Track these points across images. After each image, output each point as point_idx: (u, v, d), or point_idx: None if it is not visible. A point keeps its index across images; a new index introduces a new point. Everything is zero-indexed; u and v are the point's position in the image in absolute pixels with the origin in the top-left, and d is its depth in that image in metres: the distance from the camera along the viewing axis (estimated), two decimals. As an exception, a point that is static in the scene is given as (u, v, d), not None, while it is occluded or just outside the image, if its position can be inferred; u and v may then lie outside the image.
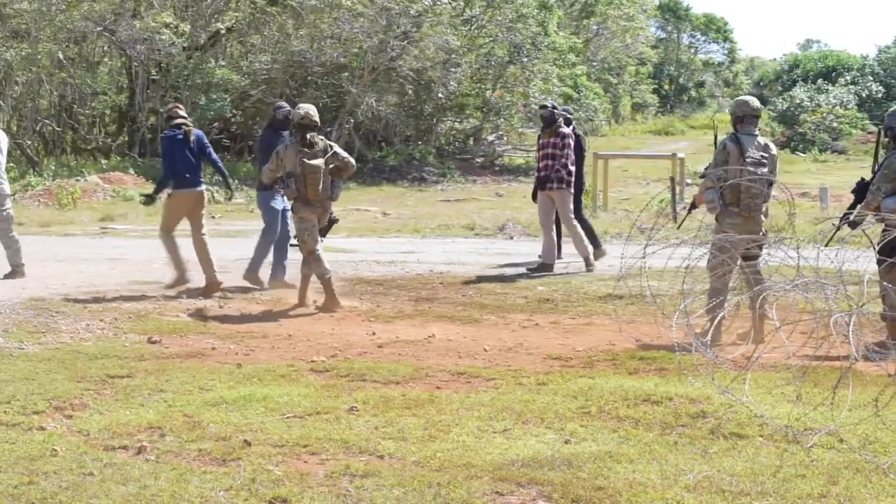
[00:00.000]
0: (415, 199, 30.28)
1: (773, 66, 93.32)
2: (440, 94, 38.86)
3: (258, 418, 7.74)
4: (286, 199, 13.45)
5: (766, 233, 11.32)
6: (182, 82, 35.71)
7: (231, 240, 19.31)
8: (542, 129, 16.48)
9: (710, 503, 6.06)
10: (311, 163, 12.76)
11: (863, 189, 10.93)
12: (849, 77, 63.07)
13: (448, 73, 38.09)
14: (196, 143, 14.11)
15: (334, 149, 13.02)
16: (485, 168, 39.50)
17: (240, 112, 36.43)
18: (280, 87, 36.07)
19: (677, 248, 10.64)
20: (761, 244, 10.87)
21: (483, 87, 41.37)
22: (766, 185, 11.10)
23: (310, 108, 13.06)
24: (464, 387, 8.92)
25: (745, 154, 10.97)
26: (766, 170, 11.03)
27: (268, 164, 13.05)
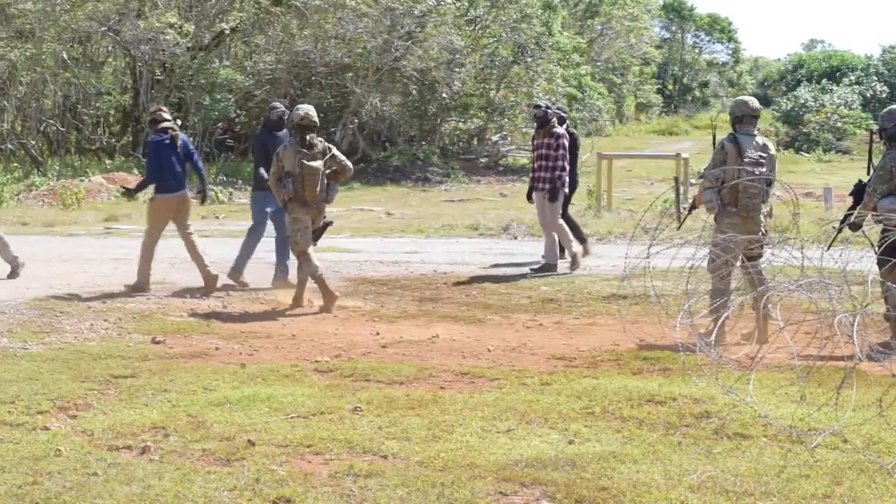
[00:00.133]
0: (419, 200, 30.28)
1: (777, 66, 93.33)
2: (444, 95, 38.85)
3: (262, 418, 7.74)
4: (280, 199, 13.40)
5: (767, 232, 11.31)
6: (186, 82, 35.72)
7: (235, 240, 19.23)
8: (536, 130, 16.47)
9: (713, 503, 6.06)
10: (311, 164, 12.76)
11: (861, 191, 10.94)
12: (853, 77, 63.02)
13: (452, 73, 38.08)
14: (182, 148, 14.15)
15: (333, 151, 13.03)
16: (489, 168, 39.47)
17: (244, 112, 36.43)
18: (284, 88, 36.07)
19: (681, 248, 10.65)
20: (762, 244, 10.88)
21: (487, 87, 41.35)
22: (764, 185, 11.09)
23: (309, 109, 13.06)
24: (467, 387, 8.93)
25: (744, 154, 10.98)
26: (764, 170, 11.03)
27: (270, 168, 13.02)
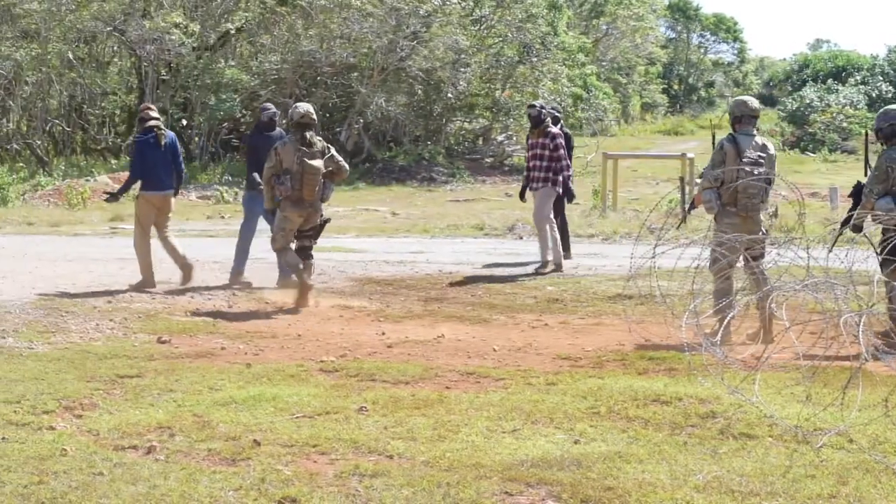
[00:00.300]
0: (424, 199, 30.29)
1: (782, 66, 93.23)
2: (450, 94, 38.84)
3: (268, 418, 7.74)
4: (268, 198, 13.39)
5: (767, 231, 11.31)
6: (192, 82, 35.76)
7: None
8: (531, 130, 16.45)
9: (719, 503, 6.06)
10: (312, 163, 12.79)
11: (859, 192, 10.96)
12: (859, 77, 62.94)
13: (457, 73, 38.08)
14: (167, 147, 14.16)
15: (331, 151, 13.07)
16: (494, 168, 39.47)
17: (249, 112, 36.45)
18: (289, 88, 36.10)
19: (687, 248, 10.64)
20: (763, 244, 10.90)
21: (492, 87, 41.34)
22: (763, 185, 11.09)
23: (309, 108, 13.10)
24: (473, 387, 8.92)
25: (743, 154, 10.98)
26: (763, 169, 11.02)
27: (267, 162, 13.01)
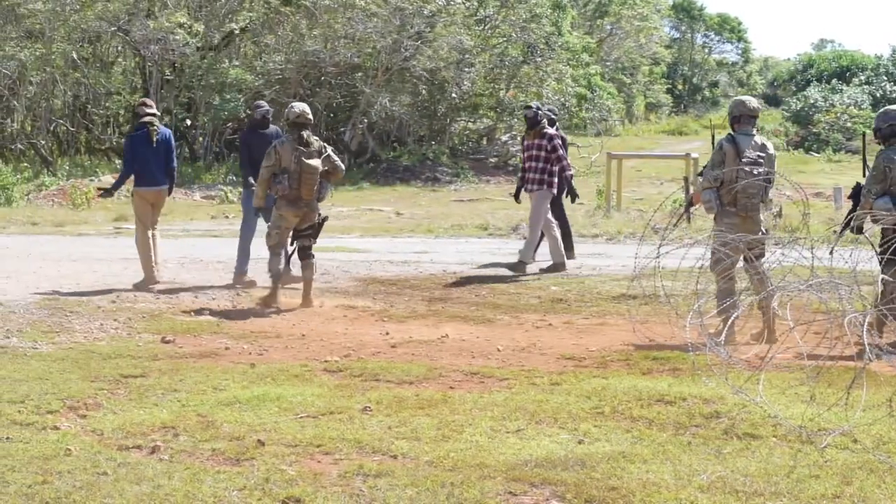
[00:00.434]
0: (428, 199, 30.29)
1: (787, 65, 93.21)
2: (454, 94, 38.85)
3: (272, 418, 7.75)
4: (256, 198, 13.44)
5: (768, 231, 11.32)
6: (196, 82, 35.78)
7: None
8: (526, 131, 16.45)
9: (723, 503, 6.06)
10: (310, 162, 12.83)
11: (859, 193, 10.96)
12: (863, 77, 62.90)
13: (461, 72, 38.08)
14: (159, 143, 14.16)
15: (328, 151, 13.12)
16: (498, 168, 39.47)
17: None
18: (294, 87, 36.11)
19: (691, 248, 10.64)
20: (763, 244, 10.91)
21: (497, 86, 41.34)
22: (762, 185, 11.10)
23: (304, 107, 13.16)
24: (477, 387, 8.92)
25: (742, 154, 10.98)
26: (763, 169, 11.03)
27: (265, 160, 13.03)
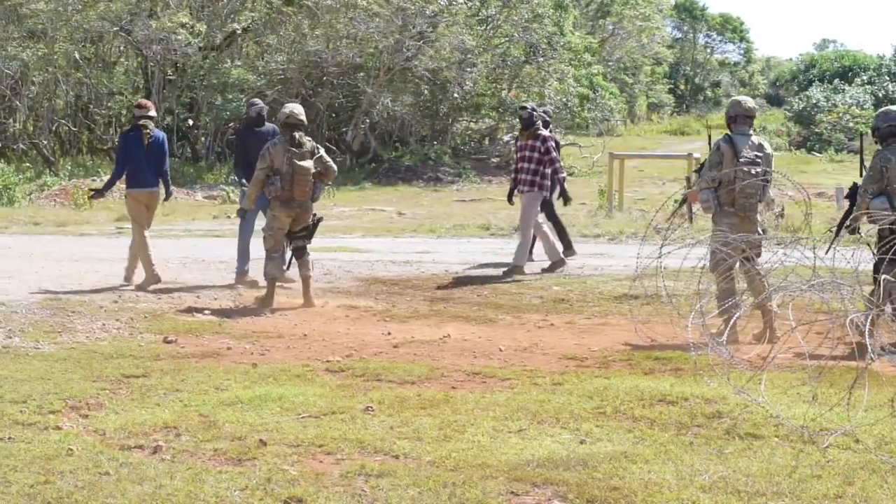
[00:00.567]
0: (430, 199, 30.29)
1: (789, 65, 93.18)
2: (456, 94, 38.84)
3: (273, 418, 7.75)
4: (249, 199, 13.49)
5: (765, 231, 11.33)
6: (198, 82, 35.78)
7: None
8: (521, 132, 16.45)
9: (725, 503, 6.06)
10: (302, 164, 12.86)
11: (856, 193, 10.97)
12: (865, 77, 62.85)
13: (464, 72, 38.06)
14: (152, 146, 14.15)
15: (320, 152, 13.15)
16: (500, 168, 39.43)
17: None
18: (296, 87, 36.10)
19: (693, 248, 10.64)
20: (760, 245, 10.94)
21: (499, 87, 41.32)
22: (760, 185, 11.13)
23: (294, 108, 13.19)
24: (479, 387, 8.92)
25: (739, 154, 10.99)
26: (760, 169, 11.05)
27: (259, 162, 13.06)
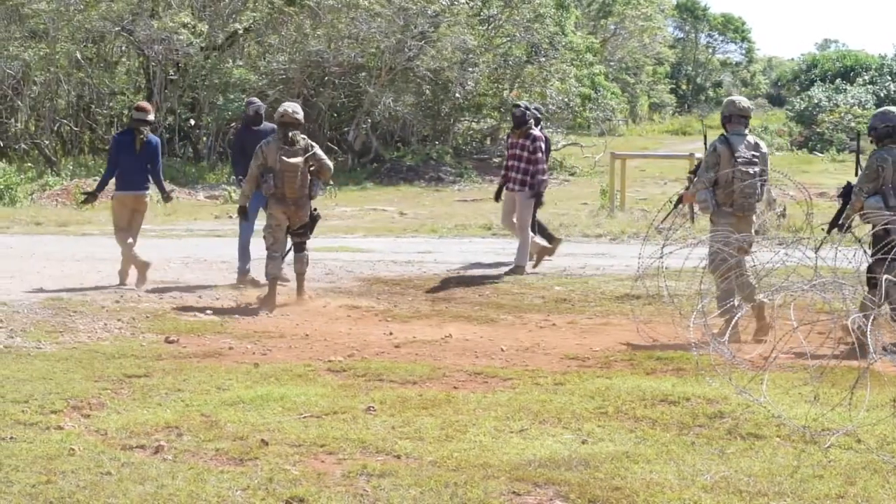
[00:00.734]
0: (432, 199, 30.27)
1: (790, 65, 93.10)
2: (457, 94, 38.78)
3: (275, 418, 7.75)
4: (263, 193, 13.55)
5: (767, 230, 11.39)
6: (199, 82, 35.76)
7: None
8: (512, 129, 16.46)
9: (727, 503, 6.06)
10: (289, 160, 12.96)
11: (849, 193, 11.00)
12: (867, 77, 62.79)
13: (465, 72, 38.01)
14: (144, 150, 14.13)
15: (314, 149, 13.20)
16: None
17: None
18: (297, 87, 36.06)
19: (694, 248, 10.65)
20: (750, 244, 10.99)
21: (500, 86, 41.27)
22: (758, 184, 11.17)
23: (290, 106, 13.30)
24: (481, 387, 8.93)
25: (736, 154, 11.02)
26: (757, 169, 11.08)
27: (253, 160, 13.17)
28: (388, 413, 7.92)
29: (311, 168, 13.15)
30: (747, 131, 11.36)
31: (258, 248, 14.41)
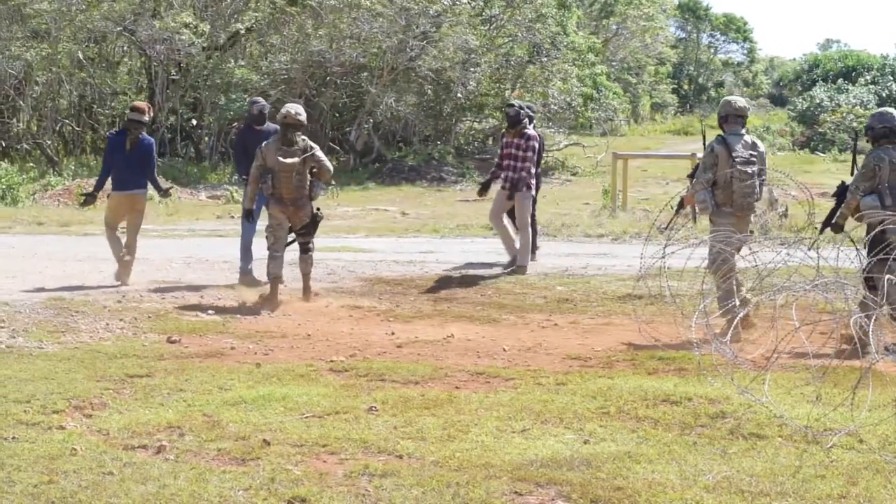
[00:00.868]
0: (434, 199, 30.26)
1: (792, 65, 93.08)
2: (459, 94, 38.77)
3: (277, 418, 7.75)
4: (248, 197, 13.60)
5: (753, 231, 11.42)
6: (201, 82, 35.75)
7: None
8: (507, 129, 16.51)
9: (729, 503, 6.06)
10: (285, 161, 13.03)
11: (843, 192, 11.04)
12: (869, 77, 62.77)
13: (467, 72, 38.00)
14: (135, 151, 14.13)
15: (314, 151, 13.22)
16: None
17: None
18: (299, 87, 36.06)
19: (696, 248, 10.65)
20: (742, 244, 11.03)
21: (502, 86, 41.25)
22: (757, 184, 11.21)
23: (292, 107, 13.36)
24: (483, 387, 8.93)
25: (733, 154, 11.04)
26: (755, 168, 11.11)
27: (255, 160, 13.25)
28: (390, 413, 7.93)
29: (313, 170, 13.20)
30: (744, 131, 11.38)
31: (261, 248, 14.42)
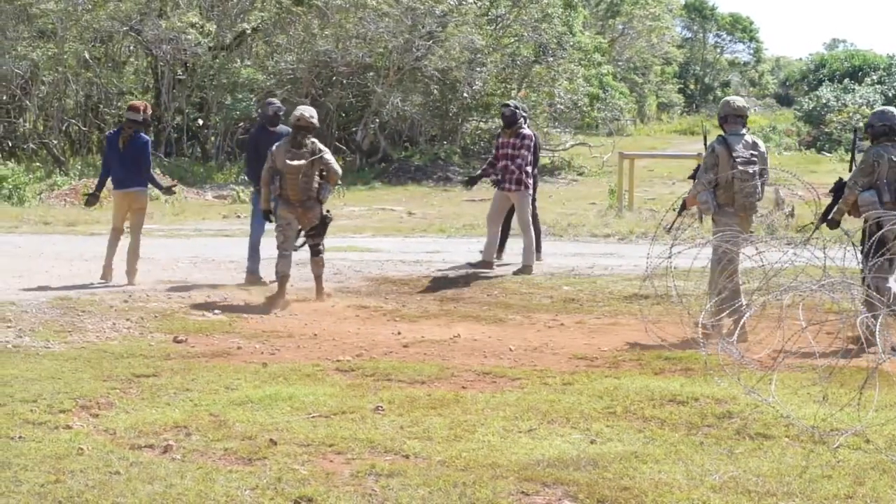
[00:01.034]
0: (440, 199, 30.25)
1: (799, 65, 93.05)
2: (465, 94, 38.76)
3: (284, 418, 7.76)
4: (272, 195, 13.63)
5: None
6: (207, 82, 35.77)
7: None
8: (503, 129, 16.55)
9: (735, 503, 6.06)
10: (291, 163, 13.08)
11: (840, 189, 11.06)
12: (875, 77, 62.65)
13: (473, 72, 37.99)
14: (129, 149, 14.13)
15: (322, 154, 13.22)
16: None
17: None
18: (305, 87, 36.08)
19: (703, 248, 10.65)
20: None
21: (508, 86, 41.23)
22: (759, 184, 11.21)
23: (305, 110, 13.43)
24: (489, 387, 8.93)
25: (734, 154, 11.04)
26: (757, 168, 11.11)
27: (266, 162, 13.32)
28: (396, 413, 7.93)
29: (322, 172, 13.23)
30: (745, 130, 11.38)
31: (268, 248, 14.43)
